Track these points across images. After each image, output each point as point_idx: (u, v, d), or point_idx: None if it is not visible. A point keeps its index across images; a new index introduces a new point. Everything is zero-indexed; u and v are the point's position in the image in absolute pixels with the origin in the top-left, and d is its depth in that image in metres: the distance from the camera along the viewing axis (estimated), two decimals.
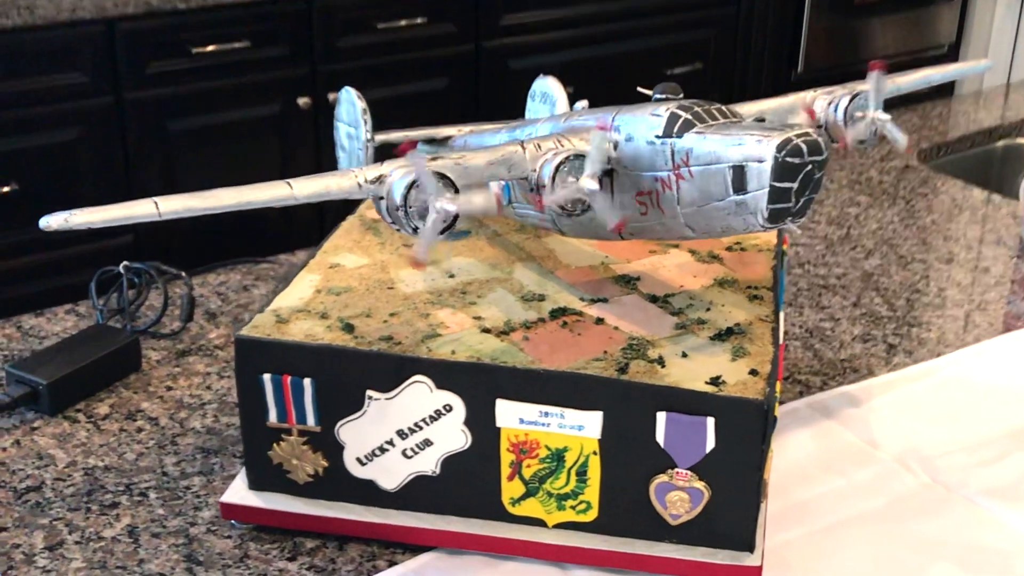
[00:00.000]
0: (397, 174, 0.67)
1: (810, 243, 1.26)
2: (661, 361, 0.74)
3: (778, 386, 0.77)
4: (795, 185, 0.65)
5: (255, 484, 0.80)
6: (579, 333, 0.78)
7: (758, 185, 0.66)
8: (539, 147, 0.72)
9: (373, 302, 0.81)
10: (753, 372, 0.73)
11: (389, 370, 0.75)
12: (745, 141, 0.66)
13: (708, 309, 0.81)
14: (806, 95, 0.82)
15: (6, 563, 0.78)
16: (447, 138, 0.91)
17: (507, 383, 0.73)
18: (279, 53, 2.31)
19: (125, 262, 1.09)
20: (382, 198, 0.67)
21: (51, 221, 0.61)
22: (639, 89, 0.74)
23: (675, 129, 0.70)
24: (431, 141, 0.93)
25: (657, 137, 0.71)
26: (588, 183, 0.69)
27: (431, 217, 0.65)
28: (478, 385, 0.74)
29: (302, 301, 0.81)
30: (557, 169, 0.70)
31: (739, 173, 0.66)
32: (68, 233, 0.60)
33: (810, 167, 0.65)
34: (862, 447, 0.90)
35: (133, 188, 2.24)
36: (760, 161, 0.65)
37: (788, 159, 0.64)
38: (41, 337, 1.05)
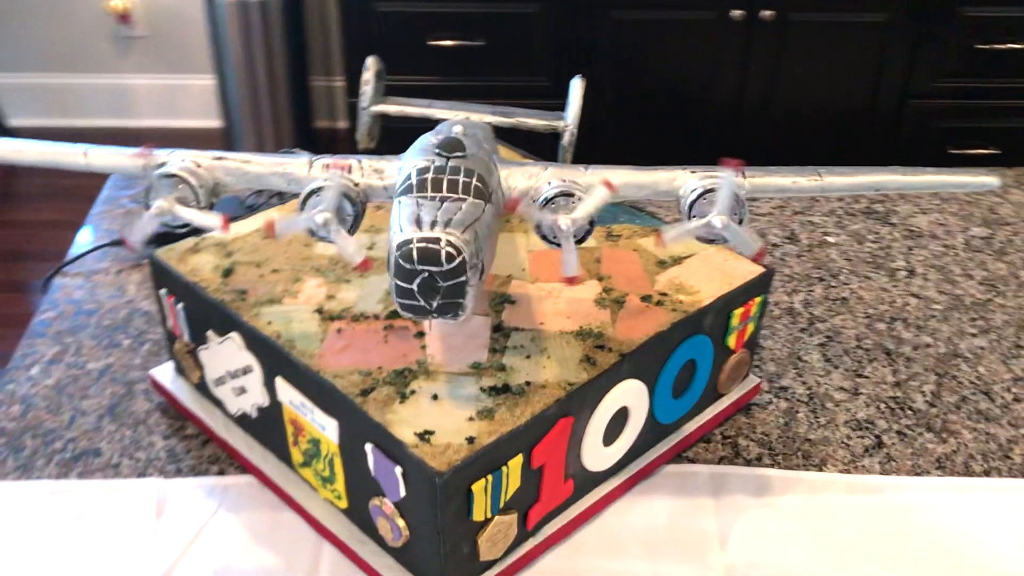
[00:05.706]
0: (168, 167, 0.64)
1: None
2: (405, 396, 0.66)
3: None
4: (414, 287, 0.53)
5: (177, 369, 0.84)
6: (387, 341, 0.71)
7: (392, 276, 0.54)
8: (327, 167, 0.64)
9: (276, 255, 0.79)
10: (470, 440, 0.63)
11: (219, 320, 0.74)
12: (393, 228, 0.54)
13: (528, 357, 0.69)
14: (676, 175, 0.64)
15: (19, 361, 0.89)
16: (440, 120, 0.83)
17: (285, 366, 0.70)
18: None
19: (297, 149, 1.14)
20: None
21: None
22: (434, 147, 0.62)
23: (399, 191, 0.59)
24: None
25: (396, 194, 0.60)
26: (321, 217, 0.60)
27: (147, 214, 0.62)
28: (268, 358, 0.71)
29: (232, 235, 0.81)
30: (307, 198, 0.62)
31: (391, 260, 0.55)
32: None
33: (426, 275, 0.52)
34: (707, 541, 0.73)
35: (581, 62, 2.27)
36: (393, 253, 0.53)
37: (400, 261, 0.52)
38: None
